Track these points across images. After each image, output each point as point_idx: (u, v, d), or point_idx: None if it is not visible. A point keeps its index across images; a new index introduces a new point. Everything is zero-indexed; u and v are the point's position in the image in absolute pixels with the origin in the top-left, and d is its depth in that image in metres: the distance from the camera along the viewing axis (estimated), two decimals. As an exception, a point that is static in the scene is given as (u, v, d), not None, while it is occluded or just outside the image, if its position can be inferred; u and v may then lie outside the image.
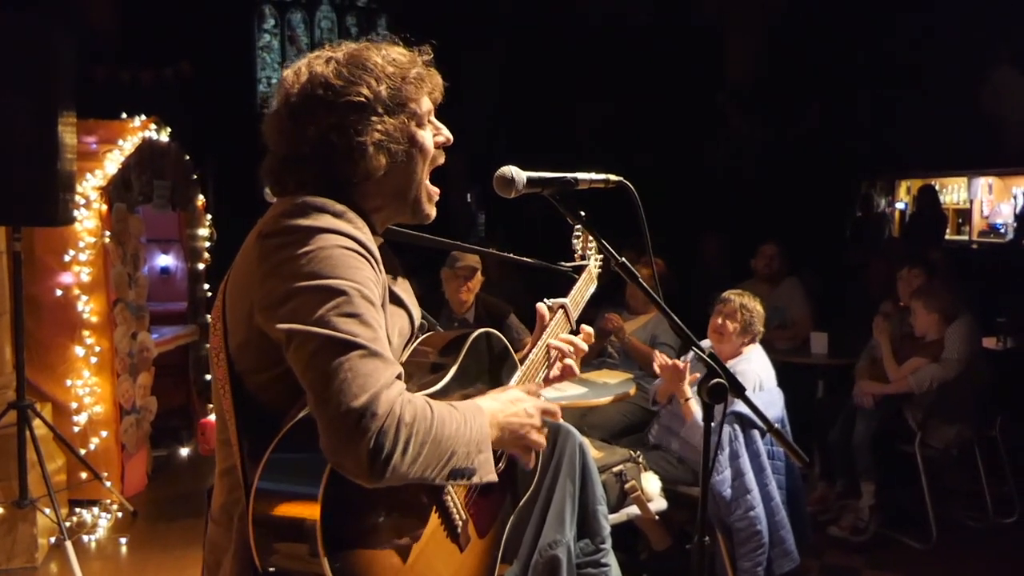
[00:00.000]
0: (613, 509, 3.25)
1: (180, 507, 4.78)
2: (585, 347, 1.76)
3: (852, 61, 9.00)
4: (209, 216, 5.83)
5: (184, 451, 5.53)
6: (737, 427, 3.34)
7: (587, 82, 9.82)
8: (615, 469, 3.33)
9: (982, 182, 8.86)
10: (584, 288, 1.97)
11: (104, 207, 4.47)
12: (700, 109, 9.37)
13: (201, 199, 5.72)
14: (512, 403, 1.44)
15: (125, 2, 7.60)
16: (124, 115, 4.88)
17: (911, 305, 4.38)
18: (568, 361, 1.73)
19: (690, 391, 3.50)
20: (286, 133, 1.36)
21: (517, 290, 6.42)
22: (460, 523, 1.43)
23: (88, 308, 4.42)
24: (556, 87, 9.72)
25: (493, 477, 1.32)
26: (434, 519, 1.38)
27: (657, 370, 3.55)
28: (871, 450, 4.20)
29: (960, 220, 9.04)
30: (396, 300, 1.42)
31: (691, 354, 3.73)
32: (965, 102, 8.55)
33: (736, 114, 9.41)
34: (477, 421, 1.31)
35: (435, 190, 1.49)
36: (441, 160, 1.48)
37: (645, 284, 1.66)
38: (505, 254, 2.27)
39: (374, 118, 1.34)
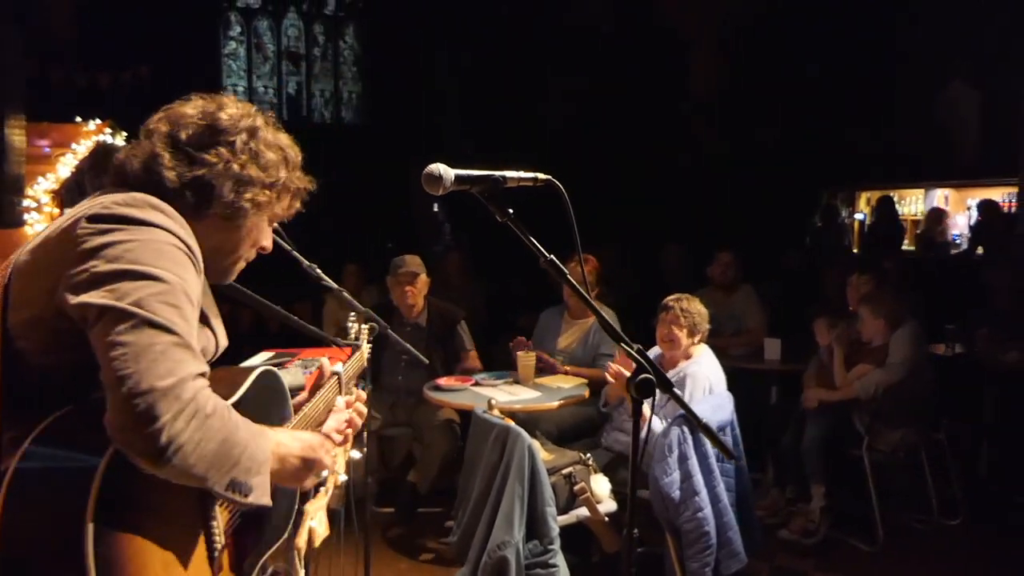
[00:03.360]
0: (563, 511, 3.28)
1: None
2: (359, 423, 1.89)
3: (813, 74, 9.16)
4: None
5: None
6: (686, 429, 3.37)
7: (552, 88, 9.92)
8: (565, 471, 3.36)
9: (939, 194, 9.04)
10: (356, 364, 2.20)
11: (56, 211, 4.43)
12: (663, 118, 9.48)
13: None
14: (295, 439, 1.47)
15: (87, 5, 7.54)
16: (79, 119, 4.85)
17: (859, 311, 4.46)
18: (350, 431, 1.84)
19: (637, 393, 3.54)
20: (179, 142, 1.40)
21: (477, 295, 6.45)
22: (218, 547, 1.37)
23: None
24: (522, 92, 9.79)
25: (267, 501, 1.31)
26: (199, 537, 1.33)
27: (610, 379, 3.59)
28: (821, 454, 4.26)
29: (917, 231, 9.21)
30: (204, 320, 1.40)
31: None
32: (923, 115, 8.75)
33: (700, 124, 9.53)
34: (260, 441, 1.31)
35: (240, 268, 1.57)
36: (251, 258, 1.57)
37: (574, 282, 1.69)
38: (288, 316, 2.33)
39: (281, 176, 1.49)
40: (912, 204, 9.33)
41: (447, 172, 1.52)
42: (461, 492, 3.49)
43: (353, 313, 2.40)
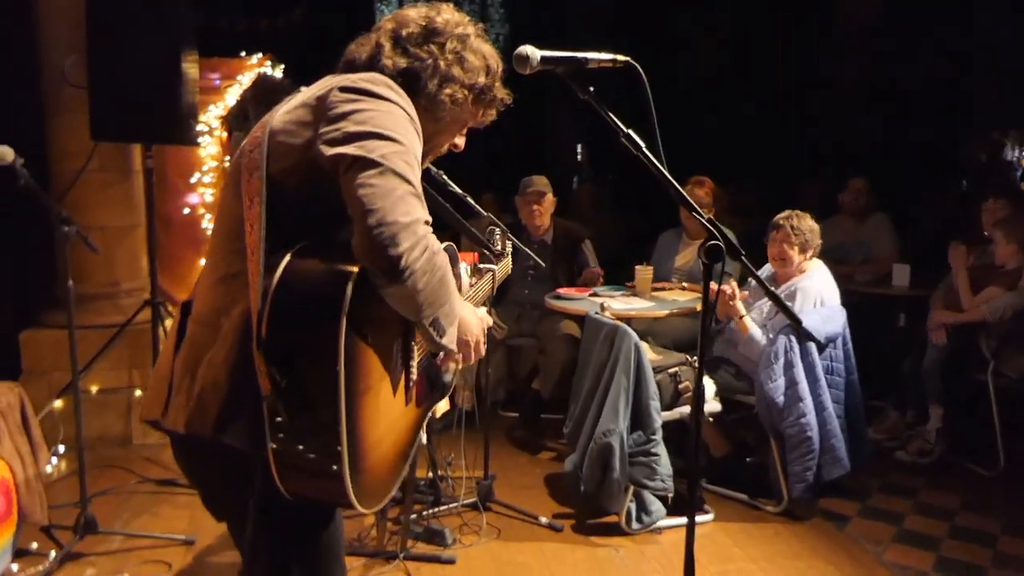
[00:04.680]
0: (667, 407, 3.48)
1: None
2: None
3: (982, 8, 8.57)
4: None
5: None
6: (793, 338, 3.48)
7: (692, 29, 9.78)
8: (671, 370, 3.55)
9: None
10: (503, 271, 2.56)
11: (224, 135, 4.97)
12: (807, 53, 9.17)
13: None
14: (470, 311, 1.72)
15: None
16: (243, 54, 5.36)
17: (992, 234, 4.34)
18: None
19: (743, 309, 3.67)
20: (399, 38, 1.66)
21: (608, 228, 6.61)
22: (413, 381, 1.64)
23: (211, 226, 4.93)
24: (663, 34, 9.71)
25: (453, 347, 1.57)
26: (401, 363, 1.60)
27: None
28: (941, 375, 4.23)
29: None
30: None
31: (751, 280, 3.89)
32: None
33: (847, 58, 9.15)
34: (457, 299, 1.56)
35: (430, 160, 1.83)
36: (442, 153, 1.82)
37: (651, 156, 1.87)
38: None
39: (480, 81, 1.71)
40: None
41: (534, 52, 1.74)
42: (575, 389, 3.75)
43: (497, 228, 2.70)
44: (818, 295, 3.68)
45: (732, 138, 8.97)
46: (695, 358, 3.54)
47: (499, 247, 2.62)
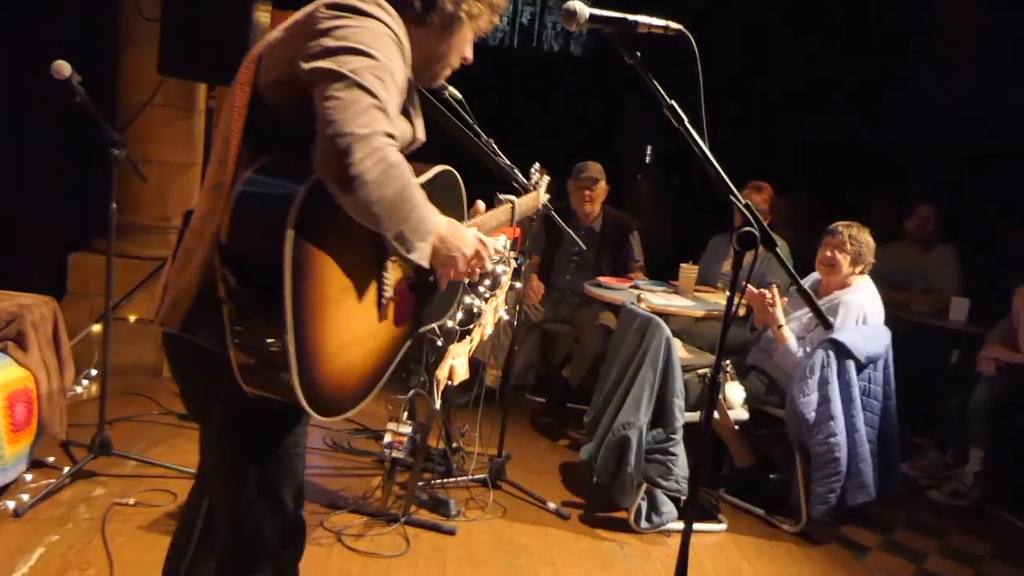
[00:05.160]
0: (691, 408, 3.38)
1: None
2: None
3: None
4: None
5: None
6: (832, 354, 3.35)
7: (781, 40, 9.52)
8: (700, 371, 3.45)
9: None
10: (530, 202, 2.40)
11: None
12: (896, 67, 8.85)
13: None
14: (459, 229, 1.68)
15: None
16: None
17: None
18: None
19: (782, 318, 3.55)
20: None
21: (665, 225, 6.51)
22: (386, 298, 1.66)
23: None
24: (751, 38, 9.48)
25: (425, 263, 1.56)
26: (372, 279, 1.61)
27: (748, 301, 3.63)
28: (987, 417, 4.04)
29: None
30: (406, 113, 1.67)
31: (792, 287, 3.76)
32: None
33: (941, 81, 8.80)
34: (430, 214, 1.54)
35: (446, 74, 1.82)
36: (455, 66, 1.80)
37: (693, 132, 1.79)
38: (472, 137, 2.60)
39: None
40: None
41: (583, 8, 1.68)
42: (601, 378, 3.68)
43: (537, 163, 2.60)
44: (861, 311, 3.54)
45: (804, 151, 8.74)
46: (727, 361, 3.44)
47: (534, 179, 2.52)
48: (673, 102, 1.75)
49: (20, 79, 4.22)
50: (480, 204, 2.11)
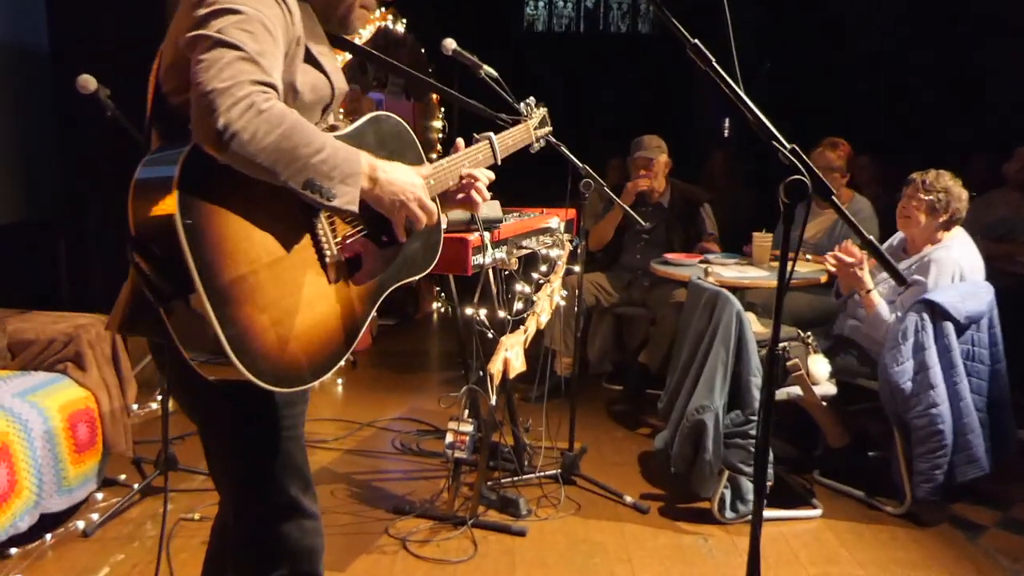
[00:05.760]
0: (772, 386, 3.12)
1: (395, 361, 5.29)
2: (489, 179, 1.86)
3: None
4: (443, 109, 6.19)
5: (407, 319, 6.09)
6: (926, 316, 3.04)
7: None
8: (779, 345, 3.18)
9: None
10: (517, 135, 2.12)
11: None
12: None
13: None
14: (398, 170, 1.54)
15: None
16: (367, 7, 5.31)
17: None
18: (474, 193, 1.82)
19: (870, 282, 3.24)
20: None
21: (741, 197, 6.19)
22: (330, 255, 1.52)
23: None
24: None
25: (352, 207, 1.42)
26: (303, 236, 1.48)
27: (829, 266, 3.33)
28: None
29: None
30: (313, 61, 1.54)
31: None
32: None
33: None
34: (348, 155, 1.41)
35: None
36: (368, 5, 1.69)
37: (738, 90, 1.57)
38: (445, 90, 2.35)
39: None
40: None
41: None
42: (673, 360, 3.45)
43: (532, 98, 2.37)
44: (956, 267, 3.20)
45: (895, 107, 8.22)
46: (808, 334, 3.17)
47: (524, 114, 2.25)
48: (696, 41, 1.54)
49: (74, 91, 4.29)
50: (459, 141, 1.93)
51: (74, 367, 3.14)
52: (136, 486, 3.22)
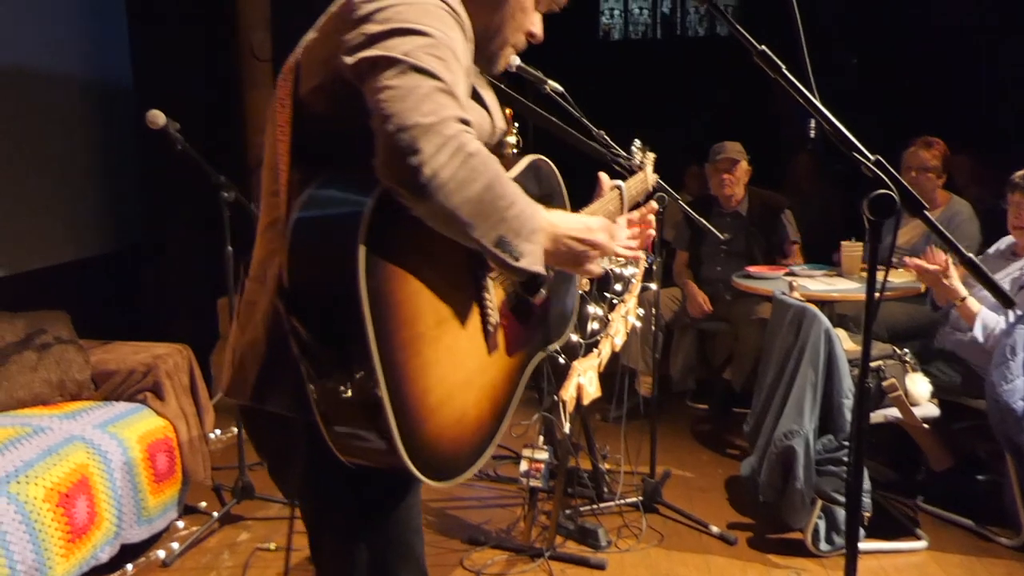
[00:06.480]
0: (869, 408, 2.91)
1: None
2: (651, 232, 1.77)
3: None
4: (516, 125, 6.12)
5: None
6: (1038, 331, 2.79)
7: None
8: (873, 364, 2.97)
9: None
10: (639, 185, 2.02)
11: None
12: None
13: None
14: (572, 218, 1.39)
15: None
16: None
17: None
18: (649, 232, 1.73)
19: (963, 289, 3.00)
20: None
21: (828, 201, 5.91)
22: (492, 325, 1.36)
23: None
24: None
25: (539, 269, 1.25)
26: (472, 304, 1.32)
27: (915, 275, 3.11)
28: None
29: None
30: (477, 97, 1.38)
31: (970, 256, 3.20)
32: None
33: None
34: (535, 210, 1.25)
35: (514, 58, 1.56)
36: (519, 45, 1.49)
37: (809, 96, 1.44)
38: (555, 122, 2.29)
39: None
40: None
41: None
42: (759, 380, 3.27)
43: (638, 140, 2.29)
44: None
45: (995, 102, 7.76)
46: (906, 350, 2.95)
47: (637, 160, 2.18)
48: (763, 47, 1.41)
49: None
50: (603, 177, 1.79)
51: (153, 397, 3.18)
52: (215, 514, 3.24)
